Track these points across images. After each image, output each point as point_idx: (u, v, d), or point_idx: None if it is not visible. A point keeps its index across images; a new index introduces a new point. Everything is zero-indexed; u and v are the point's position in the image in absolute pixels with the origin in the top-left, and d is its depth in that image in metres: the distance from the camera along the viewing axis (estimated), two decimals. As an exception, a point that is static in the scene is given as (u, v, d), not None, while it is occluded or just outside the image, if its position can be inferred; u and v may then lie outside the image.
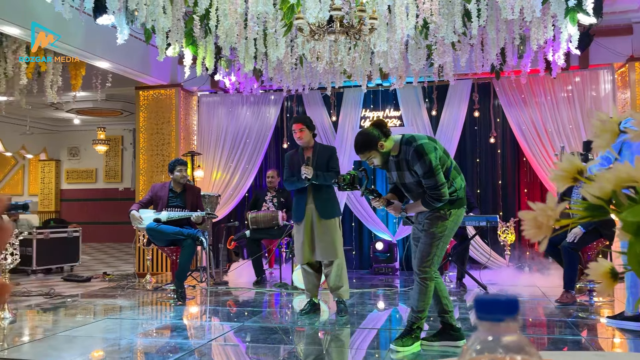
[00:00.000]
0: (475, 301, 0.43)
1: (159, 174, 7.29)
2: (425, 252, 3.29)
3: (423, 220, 3.36)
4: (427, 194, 3.22)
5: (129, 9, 4.25)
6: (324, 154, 4.41)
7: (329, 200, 4.41)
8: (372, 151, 3.29)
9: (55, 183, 13.07)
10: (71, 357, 3.34)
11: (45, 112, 10.66)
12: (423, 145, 3.19)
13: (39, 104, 9.31)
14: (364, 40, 4.70)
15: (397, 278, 6.57)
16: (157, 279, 6.68)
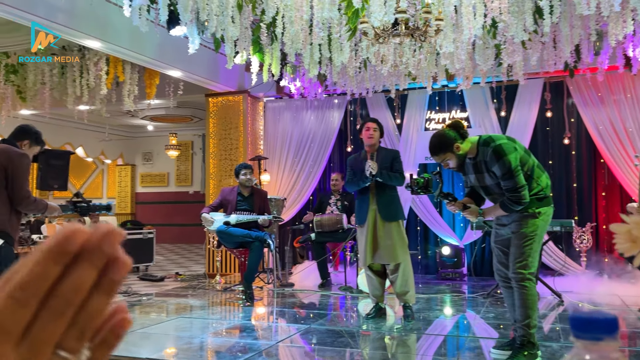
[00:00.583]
0: (570, 319, 0.43)
1: (228, 178, 7.52)
2: (517, 254, 3.14)
3: (510, 223, 3.22)
4: (506, 197, 3.11)
5: (200, 19, 4.43)
6: (387, 156, 4.38)
7: (392, 202, 4.36)
8: (448, 153, 3.21)
9: (130, 186, 13.79)
10: (148, 353, 3.51)
11: (122, 119, 11.27)
12: (502, 146, 3.09)
13: (117, 112, 9.87)
14: (430, 42, 4.64)
15: (464, 284, 6.41)
16: (226, 279, 6.89)
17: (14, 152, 3.18)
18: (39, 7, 4.65)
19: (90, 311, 0.29)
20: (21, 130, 3.38)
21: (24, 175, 3.15)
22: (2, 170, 3.08)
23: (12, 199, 3.11)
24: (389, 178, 4.26)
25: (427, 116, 7.31)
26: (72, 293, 0.28)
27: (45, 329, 0.27)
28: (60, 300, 0.27)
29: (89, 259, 0.28)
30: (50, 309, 0.27)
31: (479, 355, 3.45)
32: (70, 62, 6.60)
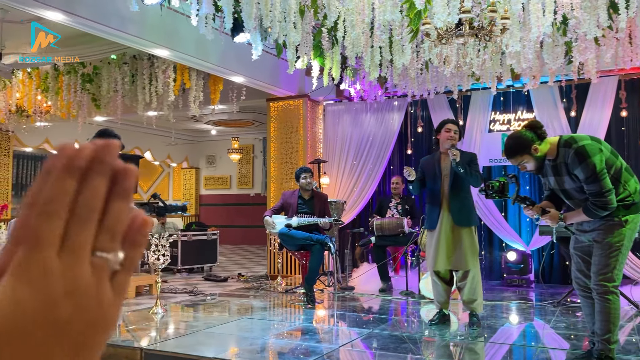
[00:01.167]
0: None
1: (288, 181, 7.62)
2: (601, 264, 2.95)
3: (592, 230, 3.02)
4: (590, 202, 2.91)
5: (263, 26, 4.51)
6: (463, 158, 4.19)
7: (466, 206, 4.20)
8: (525, 155, 3.04)
9: (195, 189, 14.26)
10: (213, 353, 3.61)
11: (187, 124, 11.68)
12: (585, 147, 2.89)
13: (182, 117, 10.24)
14: (495, 41, 4.50)
15: (531, 291, 6.17)
16: (287, 281, 6.97)
17: None
18: (112, 19, 4.90)
19: (114, 216, 0.32)
20: (102, 134, 3.58)
21: None
22: None
23: None
24: (469, 173, 4.08)
25: (491, 117, 7.11)
26: (92, 200, 0.31)
27: (78, 234, 0.31)
28: (84, 208, 0.31)
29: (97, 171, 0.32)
30: (77, 217, 0.31)
31: (549, 367, 3.31)
32: (141, 71, 6.91)
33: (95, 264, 0.32)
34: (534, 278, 6.53)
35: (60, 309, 0.30)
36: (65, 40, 6.51)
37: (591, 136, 3.04)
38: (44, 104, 7.83)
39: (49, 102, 7.66)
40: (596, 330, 3.01)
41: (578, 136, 3.02)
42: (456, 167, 4.07)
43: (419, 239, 5.63)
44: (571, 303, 5.30)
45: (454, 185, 4.20)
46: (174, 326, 4.52)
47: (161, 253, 4.55)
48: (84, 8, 4.67)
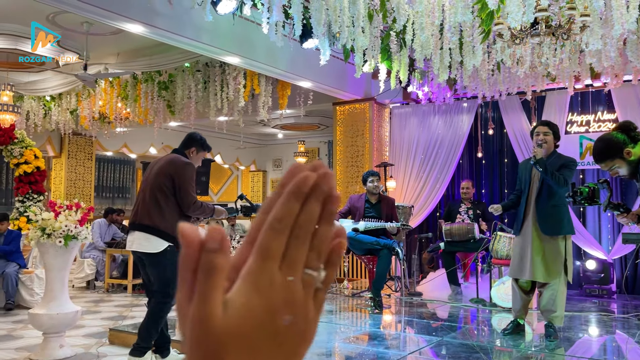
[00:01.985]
0: None
1: (354, 185, 7.62)
2: None
3: None
4: None
5: (331, 31, 4.55)
6: (557, 161, 3.95)
7: (556, 214, 3.93)
8: (616, 159, 2.83)
9: (262, 191, 14.58)
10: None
11: (255, 128, 11.96)
12: None
13: (251, 122, 10.50)
14: (573, 40, 4.30)
15: (613, 302, 5.82)
16: (354, 285, 6.97)
17: (179, 161, 3.47)
18: (187, 29, 5.11)
19: (320, 237, 0.35)
20: (189, 139, 3.69)
21: (189, 182, 3.41)
22: (170, 179, 3.38)
23: (181, 205, 3.39)
24: (550, 173, 3.81)
25: (568, 119, 6.78)
26: (309, 223, 0.35)
27: (296, 251, 0.34)
28: (302, 229, 0.34)
29: (315, 196, 0.35)
30: (296, 236, 0.34)
31: (635, 385, 3.11)
32: (213, 78, 7.16)
33: (305, 280, 0.35)
34: (616, 288, 6.15)
35: (280, 318, 0.33)
36: (142, 50, 6.87)
37: None
38: (124, 110, 8.28)
39: (128, 108, 8.09)
40: None
41: None
42: (535, 166, 3.89)
43: (490, 244, 5.46)
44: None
45: (541, 192, 3.96)
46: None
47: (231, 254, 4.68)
48: (161, 20, 4.90)
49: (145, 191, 3.43)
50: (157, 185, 3.38)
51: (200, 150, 3.71)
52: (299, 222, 0.34)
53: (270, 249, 0.34)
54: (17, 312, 5.48)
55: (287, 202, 0.34)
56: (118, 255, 7.02)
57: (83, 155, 10.84)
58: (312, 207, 0.35)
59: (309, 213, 0.34)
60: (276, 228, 0.34)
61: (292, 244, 0.34)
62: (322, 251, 0.36)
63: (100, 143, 11.04)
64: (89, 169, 10.96)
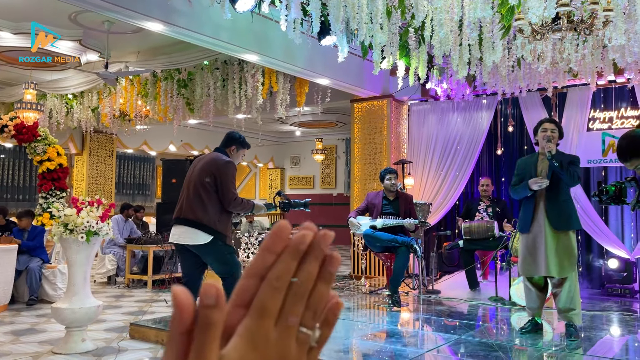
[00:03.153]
0: None
1: (372, 182, 7.60)
2: None
3: None
4: None
5: (349, 28, 4.54)
6: (563, 159, 3.93)
7: (565, 209, 3.93)
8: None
9: (280, 188, 14.62)
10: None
11: (273, 125, 12.00)
12: None
13: (268, 119, 10.54)
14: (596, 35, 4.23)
15: (636, 302, 5.72)
16: (371, 282, 6.96)
17: (221, 160, 3.68)
18: (206, 27, 5.15)
19: (317, 296, 0.36)
20: (229, 137, 3.90)
21: (229, 180, 3.63)
22: (212, 177, 3.59)
23: (222, 201, 3.60)
24: (564, 169, 3.81)
25: (590, 115, 6.66)
26: (306, 281, 0.35)
27: (292, 309, 0.35)
28: (300, 287, 0.35)
29: (313, 255, 0.36)
30: (293, 294, 0.35)
31: (658, 386, 3.05)
32: (231, 75, 7.20)
33: (300, 338, 0.36)
34: (639, 288, 6.04)
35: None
36: (162, 48, 6.94)
37: None
38: (144, 108, 8.38)
39: (148, 106, 8.18)
40: None
41: None
42: (551, 161, 3.84)
43: (510, 242, 5.41)
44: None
45: (551, 188, 3.94)
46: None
47: (250, 251, 4.72)
48: (181, 18, 4.95)
49: (190, 188, 3.65)
50: (200, 182, 3.59)
51: (240, 148, 3.89)
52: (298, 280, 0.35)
53: (268, 307, 0.34)
54: (40, 307, 5.59)
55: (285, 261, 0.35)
56: (138, 252, 7.12)
57: (104, 153, 11.01)
58: (311, 266, 0.35)
59: (307, 272, 0.35)
60: (274, 286, 0.34)
61: (288, 301, 0.35)
62: (318, 310, 0.36)
63: (121, 140, 11.20)
64: (109, 166, 11.12)
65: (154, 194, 13.49)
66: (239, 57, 6.06)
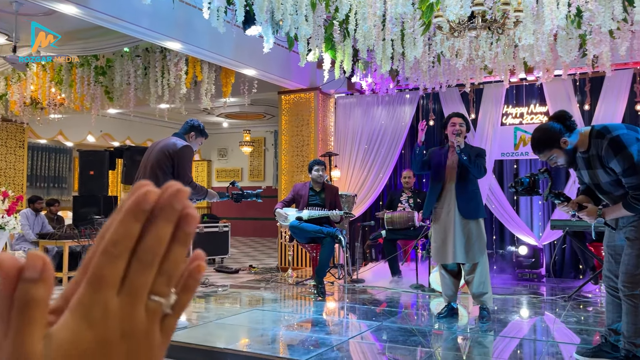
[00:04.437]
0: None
1: (299, 174, 7.64)
2: (631, 265, 2.79)
3: (625, 227, 2.84)
4: (629, 196, 2.70)
5: (274, 19, 4.52)
6: (471, 151, 4.17)
7: (473, 198, 4.18)
8: (554, 149, 2.83)
9: (207, 181, 14.35)
10: (224, 344, 3.65)
11: (199, 116, 11.73)
12: (620, 137, 2.67)
13: (194, 110, 10.29)
14: (508, 34, 4.47)
15: (542, 285, 6.15)
16: (298, 273, 7.01)
17: (179, 142, 3.80)
18: (125, 12, 4.93)
19: (172, 260, 0.33)
20: (188, 125, 4.01)
21: (186, 163, 3.75)
22: (169, 158, 3.70)
23: None
24: (472, 162, 4.03)
25: (503, 111, 7.05)
26: (156, 245, 0.32)
27: (138, 277, 0.32)
28: (147, 252, 0.32)
29: (164, 216, 0.32)
30: (140, 260, 0.32)
31: (559, 362, 3.31)
32: (153, 63, 6.95)
33: (150, 307, 0.32)
34: (545, 272, 6.50)
35: (116, 350, 0.31)
36: (77, 33, 6.57)
37: (627, 125, 2.83)
38: (58, 96, 7.91)
39: (63, 94, 7.73)
40: (623, 331, 2.90)
41: (612, 125, 2.80)
42: (460, 154, 4.06)
43: (429, 232, 5.63)
44: (582, 298, 5.29)
45: (460, 178, 4.17)
46: (186, 317, 4.58)
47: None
48: (97, 1, 4.71)
49: (146, 168, 3.75)
50: (157, 163, 3.70)
51: (199, 135, 4.01)
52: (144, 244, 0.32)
53: (104, 276, 0.31)
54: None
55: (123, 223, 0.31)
56: (52, 247, 6.73)
57: (14, 143, 10.28)
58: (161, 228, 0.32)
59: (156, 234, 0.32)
60: (111, 252, 0.31)
61: (134, 268, 0.31)
62: (173, 275, 0.33)
63: (33, 130, 10.51)
64: (20, 157, 10.41)
65: (70, 187, 12.78)
66: (160, 44, 5.86)
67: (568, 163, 2.90)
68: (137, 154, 7.45)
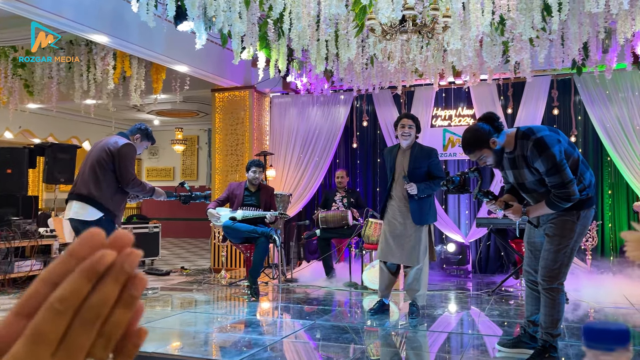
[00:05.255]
0: (584, 329, 0.43)
1: (234, 173, 7.54)
2: (551, 261, 2.91)
3: (545, 224, 2.97)
4: (552, 194, 2.82)
5: (207, 15, 4.43)
6: (421, 154, 4.26)
7: (426, 204, 4.24)
8: (484, 149, 2.92)
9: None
10: (153, 348, 3.53)
11: (128, 113, 11.30)
12: (544, 138, 2.78)
13: (123, 106, 9.90)
14: (437, 39, 4.62)
15: (469, 281, 6.42)
16: (232, 274, 6.92)
17: (122, 140, 3.83)
18: (45, 2, 4.66)
19: (114, 322, 0.32)
20: (135, 127, 4.05)
21: (129, 161, 3.76)
22: (110, 155, 3.71)
23: (120, 181, 3.71)
24: (430, 189, 4.15)
25: (433, 113, 7.30)
26: (101, 306, 0.31)
27: (78, 337, 0.30)
28: (91, 312, 0.31)
29: (114, 277, 0.31)
30: (82, 320, 0.30)
31: (483, 353, 3.46)
32: (78, 57, 6.61)
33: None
34: (472, 268, 6.79)
35: None
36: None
37: (549, 127, 2.98)
38: (-29, 89, 7.36)
39: (-24, 87, 7.20)
40: (541, 322, 3.05)
41: (536, 127, 2.93)
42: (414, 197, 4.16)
43: (362, 230, 5.73)
44: (504, 292, 5.57)
45: (412, 181, 4.22)
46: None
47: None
48: (15, -12, 4.41)
49: (86, 165, 3.77)
50: (97, 160, 3.71)
51: (145, 139, 4.06)
52: (89, 303, 0.30)
53: (44, 333, 0.29)
54: None
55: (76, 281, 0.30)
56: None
57: None
58: (108, 288, 0.31)
59: (102, 294, 0.31)
60: (56, 309, 0.30)
61: (75, 327, 0.30)
62: (111, 339, 0.32)
63: (-58, 125, 9.71)
64: None
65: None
66: (86, 37, 5.58)
67: (496, 163, 3.00)
68: (61, 152, 7.06)
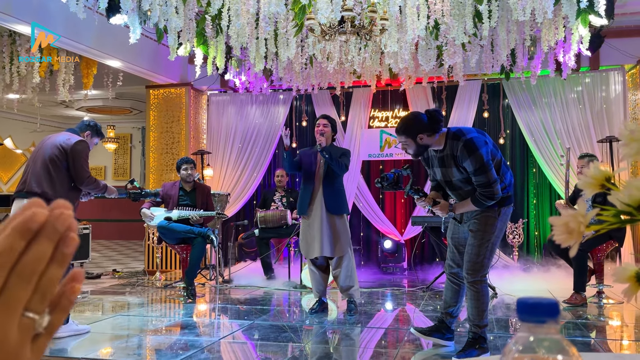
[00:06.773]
0: (518, 303, 0.45)
1: (169, 173, 7.34)
2: (474, 255, 3.05)
3: (469, 220, 3.11)
4: (478, 192, 2.96)
5: (142, 9, 4.29)
6: (336, 152, 4.39)
7: (339, 194, 4.40)
8: (409, 139, 3.01)
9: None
10: (82, 353, 3.38)
11: (56, 110, 10.75)
12: (473, 140, 2.91)
13: (50, 102, 9.40)
14: (375, 41, 4.71)
15: (405, 278, 6.59)
16: (167, 276, 6.73)
17: (74, 138, 3.78)
18: (-36, -13, 4.35)
19: (48, 279, 0.34)
20: (84, 123, 4.02)
21: (83, 158, 3.72)
22: (63, 152, 3.67)
23: (74, 179, 3.68)
24: (333, 159, 4.23)
25: (370, 114, 7.43)
26: (35, 263, 0.33)
27: (15, 292, 0.32)
28: (27, 268, 0.32)
29: (47, 235, 0.33)
30: (18, 274, 0.32)
31: (417, 347, 3.56)
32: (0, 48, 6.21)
33: (24, 323, 0.32)
34: (407, 266, 6.97)
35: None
36: None
37: (477, 129, 3.12)
38: None
39: None
40: (468, 315, 3.19)
41: (466, 129, 3.04)
42: (321, 152, 4.25)
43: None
44: (438, 287, 5.76)
45: (327, 176, 4.38)
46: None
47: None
48: None
49: (37, 162, 3.67)
50: (49, 157, 3.64)
51: (95, 135, 4.01)
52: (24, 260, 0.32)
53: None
54: None
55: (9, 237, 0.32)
56: None
57: None
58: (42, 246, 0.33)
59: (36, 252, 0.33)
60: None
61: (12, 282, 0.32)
62: (47, 294, 0.34)
63: None
64: None
65: None
66: (9, 27, 5.25)
67: (415, 155, 3.12)
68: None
